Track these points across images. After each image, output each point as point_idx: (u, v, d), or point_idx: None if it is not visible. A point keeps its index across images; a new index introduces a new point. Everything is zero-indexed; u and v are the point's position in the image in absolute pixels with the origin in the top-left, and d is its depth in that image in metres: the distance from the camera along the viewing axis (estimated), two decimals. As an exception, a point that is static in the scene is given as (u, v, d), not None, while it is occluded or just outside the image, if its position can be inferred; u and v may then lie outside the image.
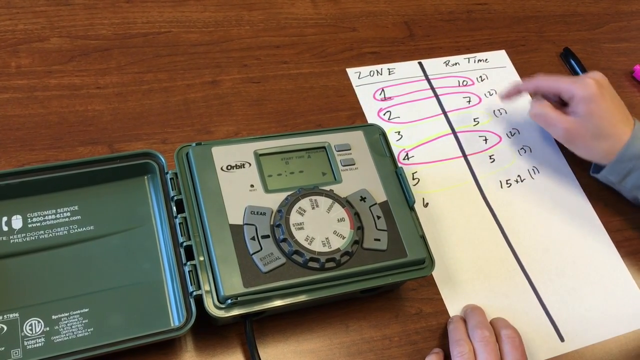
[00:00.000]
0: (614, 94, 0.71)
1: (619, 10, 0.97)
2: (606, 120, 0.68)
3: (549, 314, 0.66)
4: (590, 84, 0.69)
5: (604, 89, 0.69)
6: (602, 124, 0.68)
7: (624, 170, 0.69)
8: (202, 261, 0.54)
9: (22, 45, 0.70)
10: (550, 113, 0.71)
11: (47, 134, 0.65)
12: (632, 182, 0.69)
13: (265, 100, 0.73)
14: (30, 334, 0.52)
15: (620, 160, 0.68)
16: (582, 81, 0.70)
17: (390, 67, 0.81)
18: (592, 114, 0.68)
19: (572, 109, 0.70)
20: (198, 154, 0.58)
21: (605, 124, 0.68)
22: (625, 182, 0.69)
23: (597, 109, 0.68)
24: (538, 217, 0.72)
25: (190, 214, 0.56)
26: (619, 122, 0.68)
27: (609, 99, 0.69)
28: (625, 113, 0.70)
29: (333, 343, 0.60)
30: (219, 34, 0.77)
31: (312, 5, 0.84)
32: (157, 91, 0.71)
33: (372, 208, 0.59)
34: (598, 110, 0.68)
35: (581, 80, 0.70)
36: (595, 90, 0.68)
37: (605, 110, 0.68)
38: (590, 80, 0.69)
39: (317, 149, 0.62)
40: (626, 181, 0.69)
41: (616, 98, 0.70)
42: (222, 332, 0.58)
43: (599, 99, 0.68)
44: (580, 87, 0.69)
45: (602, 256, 0.71)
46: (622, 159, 0.68)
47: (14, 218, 0.57)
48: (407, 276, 0.58)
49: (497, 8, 0.92)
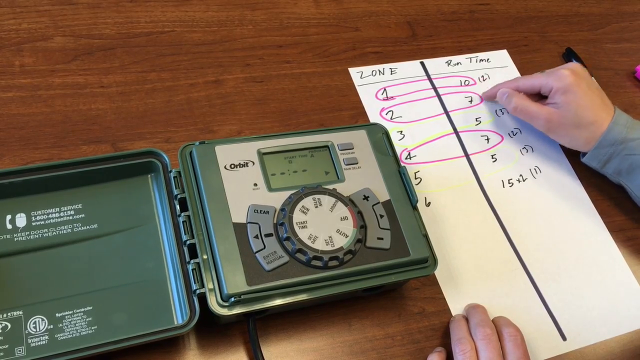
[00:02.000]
0: (592, 82, 0.73)
1: (621, 10, 0.97)
2: (585, 108, 0.70)
3: (551, 313, 0.66)
4: (566, 75, 0.71)
5: (580, 79, 0.71)
6: (581, 112, 0.70)
7: (604, 157, 0.71)
8: (205, 259, 0.54)
9: (25, 45, 0.70)
10: (529, 106, 0.73)
11: (51, 132, 0.65)
12: (613, 168, 0.71)
13: (268, 99, 0.74)
14: (34, 332, 0.52)
15: (600, 147, 0.70)
16: (558, 73, 0.72)
17: (392, 67, 0.81)
18: (569, 104, 0.70)
19: (551, 100, 0.72)
20: (201, 152, 0.58)
21: (585, 112, 0.70)
22: (607, 167, 0.71)
23: (574, 98, 0.70)
24: (540, 216, 0.72)
25: (194, 212, 0.56)
26: (598, 110, 0.70)
27: (585, 88, 0.71)
28: (604, 101, 0.71)
29: (336, 342, 0.60)
30: (222, 33, 0.78)
31: (315, 5, 0.84)
32: (161, 90, 0.71)
33: (375, 207, 0.59)
34: (575, 99, 0.70)
35: (556, 72, 0.72)
36: (572, 80, 0.70)
37: (583, 99, 0.70)
38: (565, 71, 0.71)
39: (320, 148, 0.62)
40: (607, 167, 0.71)
41: (593, 86, 0.72)
42: (225, 330, 0.58)
43: (576, 89, 0.70)
44: (556, 78, 0.71)
45: (605, 255, 0.71)
46: (602, 145, 0.70)
47: (18, 216, 0.57)
48: (409, 275, 0.58)
49: (500, 8, 0.92)
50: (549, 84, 0.72)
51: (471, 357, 0.58)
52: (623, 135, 0.69)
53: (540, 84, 0.73)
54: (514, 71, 0.85)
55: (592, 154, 0.71)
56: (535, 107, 0.73)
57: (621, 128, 0.69)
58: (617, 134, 0.69)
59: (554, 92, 0.71)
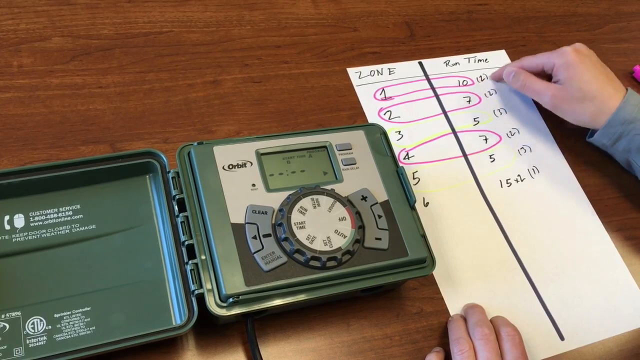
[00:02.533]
0: (596, 60, 0.74)
1: (618, 10, 0.97)
2: (589, 83, 0.71)
3: (549, 313, 0.66)
4: (568, 51, 0.74)
5: (583, 55, 0.73)
6: (585, 86, 0.71)
7: (615, 134, 0.71)
8: (203, 260, 0.54)
9: (24, 45, 0.70)
10: (535, 82, 0.76)
11: (49, 133, 0.65)
12: (623, 146, 0.72)
13: (266, 100, 0.74)
14: (32, 333, 0.52)
15: (610, 125, 0.71)
16: (560, 50, 0.75)
17: (390, 67, 0.81)
18: (573, 78, 0.72)
19: (555, 78, 0.75)
20: (200, 153, 0.58)
21: (589, 86, 0.71)
22: (617, 145, 0.72)
23: (577, 73, 0.72)
24: (538, 216, 0.72)
25: (192, 212, 0.56)
26: (604, 85, 0.71)
27: (589, 64, 0.72)
28: (611, 77, 0.73)
29: (334, 342, 0.60)
30: (220, 33, 0.78)
31: (313, 5, 0.84)
32: (159, 91, 0.71)
33: (373, 207, 0.59)
34: (578, 74, 0.72)
35: (559, 50, 0.75)
36: (573, 56, 0.73)
37: (586, 73, 0.71)
38: (567, 48, 0.74)
39: (319, 149, 0.62)
40: (617, 145, 0.72)
41: (599, 63, 0.74)
42: (223, 331, 0.58)
43: (578, 64, 0.72)
44: (558, 55, 0.74)
45: (602, 255, 0.71)
46: (613, 124, 0.70)
47: (16, 217, 0.57)
48: (408, 275, 0.58)
49: (498, 8, 0.92)
50: (551, 61, 0.74)
51: (469, 356, 0.58)
52: (634, 115, 0.69)
53: (543, 62, 0.76)
54: (512, 71, 0.85)
55: (602, 132, 0.72)
56: (541, 84, 0.75)
57: (632, 107, 0.70)
58: (628, 113, 0.70)
59: (557, 69, 0.74)
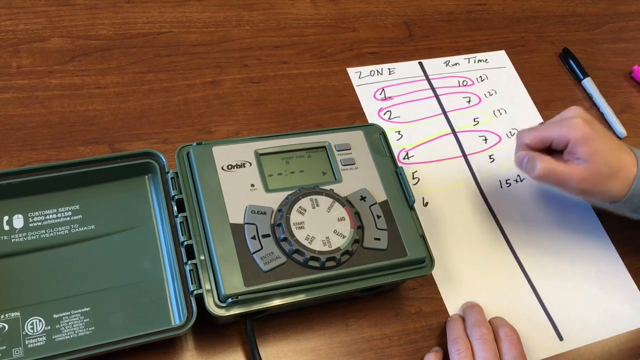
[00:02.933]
0: (600, 125, 0.66)
1: (617, 11, 0.98)
2: (611, 155, 0.63)
3: (548, 313, 0.66)
4: (580, 124, 0.63)
5: (594, 124, 0.64)
6: (609, 160, 0.63)
7: (637, 205, 0.65)
8: (202, 260, 0.54)
9: (23, 45, 0.70)
10: (559, 168, 0.63)
11: (48, 133, 0.65)
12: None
13: (265, 100, 0.74)
14: (31, 333, 0.52)
15: (633, 196, 0.64)
16: (571, 123, 0.63)
17: (390, 67, 0.81)
18: (596, 154, 0.62)
19: (570, 155, 0.64)
20: (199, 153, 0.58)
21: (612, 159, 0.63)
22: (638, 212, 0.66)
23: (598, 146, 0.62)
24: (537, 216, 0.72)
25: (191, 213, 0.56)
26: (620, 153, 0.64)
27: (601, 132, 0.64)
28: (617, 140, 0.66)
29: (333, 342, 0.60)
30: (219, 34, 0.78)
31: (312, 5, 0.84)
32: (158, 91, 0.71)
33: (372, 207, 0.59)
34: (600, 147, 0.63)
35: (568, 122, 0.64)
36: (588, 128, 0.63)
37: (606, 145, 0.63)
38: (578, 119, 0.63)
39: (318, 149, 0.62)
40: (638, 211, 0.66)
41: (603, 128, 0.66)
42: (222, 331, 0.58)
43: (596, 136, 0.63)
44: (571, 129, 0.63)
45: (601, 255, 0.71)
46: (635, 194, 0.63)
47: (15, 217, 0.57)
48: (407, 275, 0.58)
49: (497, 9, 0.92)
50: (564, 136, 0.63)
51: (467, 356, 0.58)
52: None
53: (551, 137, 0.64)
54: (512, 71, 0.85)
55: (624, 204, 0.65)
56: (565, 168, 0.63)
57: None
58: None
59: (574, 145, 0.62)
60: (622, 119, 0.83)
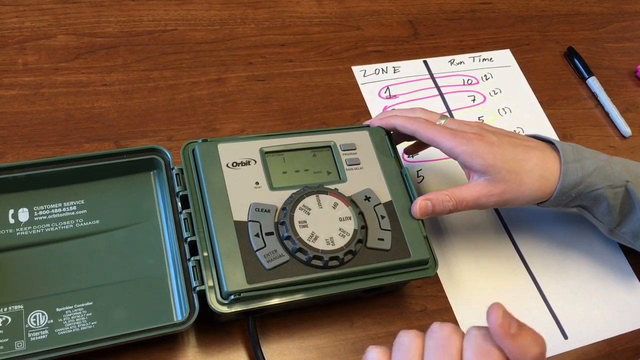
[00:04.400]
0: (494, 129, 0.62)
1: (622, 10, 0.97)
2: (512, 161, 0.59)
3: (553, 312, 0.66)
4: (469, 137, 0.59)
5: (489, 134, 0.60)
6: (511, 167, 0.59)
7: (565, 201, 0.62)
8: (206, 257, 0.54)
9: (29, 43, 0.71)
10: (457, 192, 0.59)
11: (54, 130, 0.66)
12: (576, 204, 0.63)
13: (270, 98, 0.74)
14: (34, 326, 0.53)
15: (559, 195, 0.60)
16: (459, 134, 0.59)
17: (395, 66, 0.81)
18: (491, 167, 0.58)
19: (476, 180, 0.60)
20: (204, 150, 0.58)
21: (514, 166, 0.59)
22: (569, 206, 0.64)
23: (488, 159, 0.58)
24: (542, 216, 0.72)
25: (195, 209, 0.56)
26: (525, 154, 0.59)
27: (503, 142, 0.59)
28: (520, 141, 0.61)
29: (338, 339, 0.60)
30: (224, 32, 0.78)
31: (317, 3, 0.84)
32: (163, 89, 0.71)
33: (376, 208, 0.59)
34: (494, 156, 0.58)
35: (458, 132, 0.60)
36: (476, 141, 0.59)
37: (504, 150, 0.59)
38: (468, 134, 0.59)
39: (323, 148, 0.62)
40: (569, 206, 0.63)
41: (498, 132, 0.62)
42: (225, 328, 0.58)
43: (485, 149, 0.58)
44: (460, 142, 0.59)
45: (606, 254, 0.71)
46: (561, 193, 0.60)
47: (21, 211, 0.57)
48: (410, 276, 0.58)
49: (501, 7, 0.92)
50: (451, 150, 0.59)
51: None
52: (579, 175, 0.60)
53: (440, 145, 0.60)
54: (517, 70, 0.85)
55: (552, 203, 0.61)
56: (466, 190, 0.60)
57: (573, 167, 0.60)
58: (572, 176, 0.59)
59: (464, 165, 0.60)
60: (627, 118, 0.83)
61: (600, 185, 0.60)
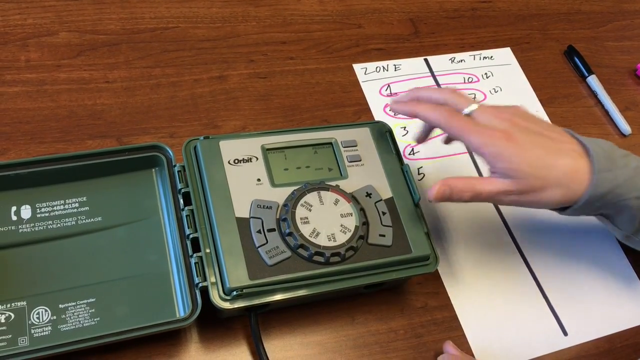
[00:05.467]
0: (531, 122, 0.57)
1: (622, 9, 0.98)
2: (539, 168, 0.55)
3: (553, 309, 0.66)
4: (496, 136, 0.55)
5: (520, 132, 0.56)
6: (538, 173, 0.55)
7: (593, 211, 0.59)
8: (208, 253, 0.54)
9: (31, 40, 0.71)
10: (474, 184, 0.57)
11: (56, 127, 0.66)
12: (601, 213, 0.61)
13: (271, 95, 0.74)
14: (37, 322, 0.53)
15: (587, 204, 0.57)
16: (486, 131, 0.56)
17: (396, 64, 0.81)
18: (515, 172, 0.55)
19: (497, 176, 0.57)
20: (206, 147, 0.58)
21: (541, 174, 0.55)
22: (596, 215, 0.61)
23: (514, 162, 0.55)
24: (542, 212, 0.72)
25: (197, 206, 0.56)
26: (556, 158, 0.56)
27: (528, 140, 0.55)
28: (556, 140, 0.57)
29: (339, 335, 0.60)
30: (226, 29, 0.78)
31: (318, 1, 0.84)
32: (165, 86, 0.71)
33: (377, 204, 0.59)
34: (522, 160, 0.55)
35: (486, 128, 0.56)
36: (503, 142, 0.55)
37: (532, 154, 0.55)
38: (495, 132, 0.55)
39: (324, 145, 0.62)
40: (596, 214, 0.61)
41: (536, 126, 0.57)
42: (227, 324, 0.59)
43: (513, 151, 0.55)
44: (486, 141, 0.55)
45: (606, 251, 0.72)
46: (590, 202, 0.56)
47: (23, 208, 0.57)
48: (411, 272, 0.58)
49: (502, 6, 0.92)
50: (478, 148, 0.56)
51: None
52: (609, 187, 0.56)
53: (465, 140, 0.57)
54: (517, 69, 0.85)
55: (576, 211, 0.58)
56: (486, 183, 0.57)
57: (604, 177, 0.55)
58: (602, 188, 0.55)
59: (490, 165, 0.56)
60: (627, 116, 0.83)
61: (628, 195, 0.57)
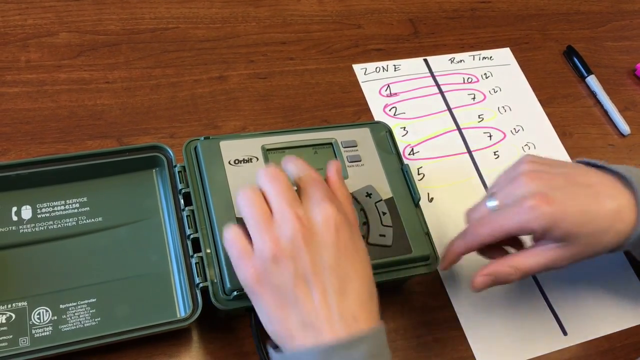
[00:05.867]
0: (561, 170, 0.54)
1: (621, 9, 0.98)
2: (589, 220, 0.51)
3: (552, 308, 0.66)
4: (535, 206, 0.50)
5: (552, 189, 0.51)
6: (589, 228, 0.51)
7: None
8: (208, 253, 0.54)
9: (31, 40, 0.71)
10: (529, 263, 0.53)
11: (57, 127, 0.66)
12: None
13: (271, 95, 0.74)
14: (38, 323, 0.53)
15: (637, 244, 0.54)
16: (525, 208, 0.51)
17: (395, 64, 0.81)
18: (571, 232, 0.51)
19: (543, 244, 0.53)
20: (206, 147, 0.59)
21: (593, 223, 0.51)
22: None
23: (567, 226, 0.50)
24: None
25: (198, 206, 0.56)
26: (597, 204, 0.52)
27: (569, 191, 0.52)
28: (588, 184, 0.53)
29: (338, 335, 0.60)
30: (225, 30, 0.78)
31: (318, 2, 0.84)
32: (165, 86, 0.71)
33: (377, 204, 0.59)
34: (573, 220, 0.51)
35: (521, 207, 0.51)
36: (546, 207, 0.50)
37: (576, 207, 0.51)
38: (530, 201, 0.50)
39: (324, 145, 0.62)
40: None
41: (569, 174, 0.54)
42: (228, 324, 0.59)
43: (561, 214, 0.50)
44: (530, 217, 0.50)
45: (605, 252, 0.72)
46: None
47: (24, 208, 0.57)
48: (411, 272, 0.58)
49: (501, 6, 0.92)
50: (523, 227, 0.51)
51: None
52: None
53: (509, 230, 0.52)
54: (517, 69, 0.85)
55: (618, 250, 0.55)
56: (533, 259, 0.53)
57: None
58: None
59: (541, 235, 0.52)
60: (626, 116, 0.83)
61: None
